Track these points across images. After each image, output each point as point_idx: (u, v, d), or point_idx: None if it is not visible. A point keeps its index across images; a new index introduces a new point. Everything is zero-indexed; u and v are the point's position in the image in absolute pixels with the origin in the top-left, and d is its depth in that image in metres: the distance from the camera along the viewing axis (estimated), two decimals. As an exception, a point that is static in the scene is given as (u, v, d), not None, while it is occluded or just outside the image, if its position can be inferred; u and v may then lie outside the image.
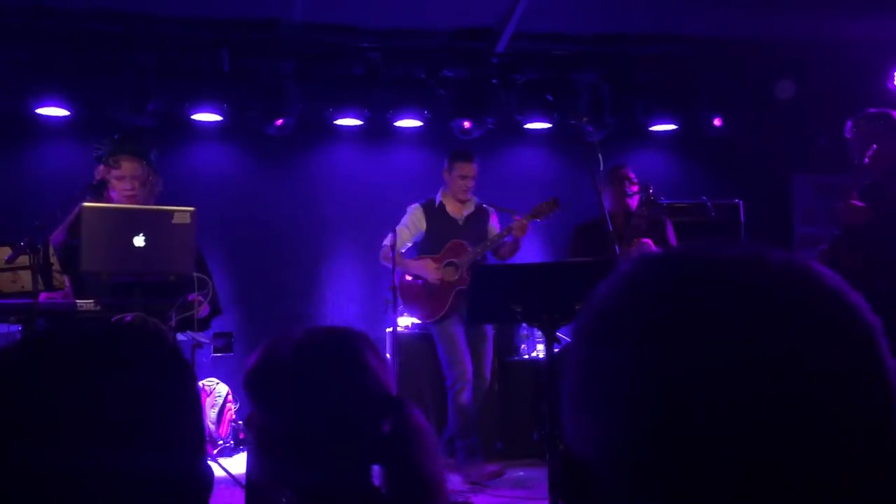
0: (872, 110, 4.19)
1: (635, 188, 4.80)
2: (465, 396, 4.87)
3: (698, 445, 0.53)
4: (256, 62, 6.09)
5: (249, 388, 1.32)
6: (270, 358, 1.32)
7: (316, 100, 6.23)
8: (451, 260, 5.01)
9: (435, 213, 5.16)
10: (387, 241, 5.06)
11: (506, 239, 4.98)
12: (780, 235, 6.75)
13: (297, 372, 1.28)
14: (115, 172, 4.00)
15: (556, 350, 3.55)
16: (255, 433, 1.30)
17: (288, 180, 6.57)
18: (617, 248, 4.08)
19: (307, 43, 6.10)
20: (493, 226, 5.19)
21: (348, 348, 1.33)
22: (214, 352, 5.61)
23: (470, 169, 5.08)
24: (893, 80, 5.70)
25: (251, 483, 1.30)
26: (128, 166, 4.00)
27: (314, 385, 1.28)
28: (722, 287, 0.56)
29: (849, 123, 4.25)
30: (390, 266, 5.00)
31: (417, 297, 5.06)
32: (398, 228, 5.09)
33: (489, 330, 5.08)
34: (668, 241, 4.82)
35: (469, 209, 5.18)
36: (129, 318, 3.55)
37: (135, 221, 3.64)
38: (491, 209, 5.24)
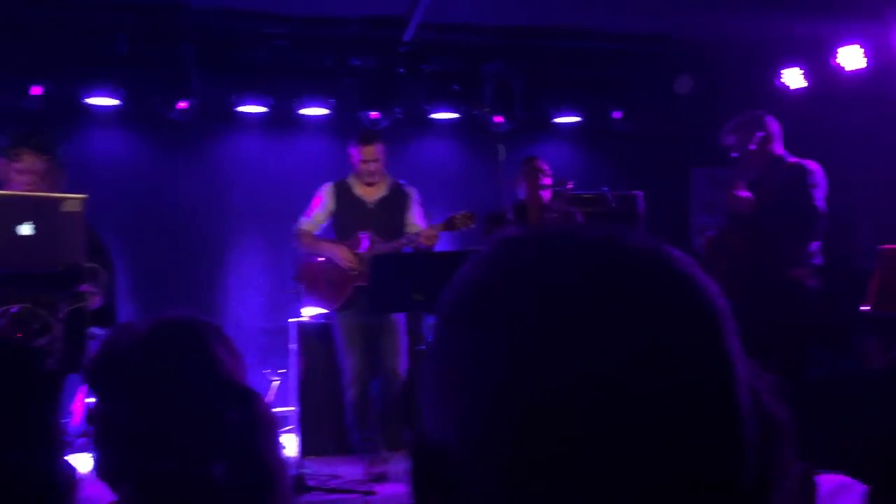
0: (750, 112, 4.49)
1: (549, 181, 4.91)
2: (356, 392, 4.81)
3: (540, 432, 0.52)
4: (157, 47, 5.91)
5: (90, 379, 1.30)
6: (110, 349, 1.30)
7: (219, 86, 6.10)
8: (357, 251, 4.90)
9: (344, 194, 5.02)
10: (299, 224, 5.00)
11: (413, 247, 4.81)
12: (677, 225, 6.97)
13: (138, 363, 1.26)
14: (15, 166, 3.83)
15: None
16: (96, 426, 1.27)
17: (190, 168, 6.41)
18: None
19: (210, 28, 5.96)
20: (413, 213, 5.00)
21: (193, 338, 1.31)
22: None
23: (369, 152, 4.90)
24: (780, 77, 5.95)
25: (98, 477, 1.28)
26: (29, 160, 3.84)
27: (156, 376, 1.26)
28: (573, 268, 0.56)
29: (728, 125, 4.54)
30: (303, 249, 4.93)
31: (318, 283, 4.95)
32: (310, 209, 5.01)
33: (398, 323, 4.89)
34: None
35: (381, 192, 5.00)
36: (14, 310, 3.40)
37: (21, 209, 3.48)
38: (414, 193, 5.04)
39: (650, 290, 0.55)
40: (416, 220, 4.97)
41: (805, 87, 5.86)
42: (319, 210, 5.00)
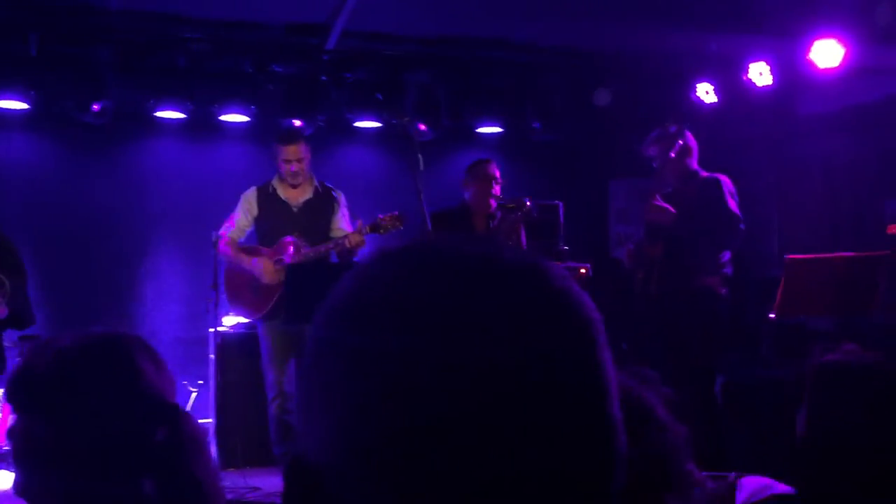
0: (672, 125, 4.64)
1: (499, 188, 4.87)
2: (279, 405, 4.68)
3: (415, 445, 0.53)
4: (69, 48, 5.73)
5: (7, 395, 1.26)
6: (29, 364, 1.26)
7: (136, 90, 5.95)
8: (281, 258, 4.70)
9: (268, 198, 4.84)
10: (222, 230, 4.81)
11: (339, 250, 4.66)
12: (596, 234, 7.13)
13: (58, 379, 1.23)
14: None
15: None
16: (14, 442, 1.24)
17: (105, 174, 6.23)
18: None
19: (127, 31, 5.81)
20: (340, 217, 4.86)
21: (118, 354, 1.28)
22: (19, 356, 5.24)
23: (291, 152, 4.72)
24: (695, 90, 6.14)
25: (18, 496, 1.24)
26: None
27: (76, 393, 1.23)
28: (451, 282, 0.56)
29: (650, 136, 4.69)
30: (224, 257, 4.78)
31: (241, 291, 4.78)
32: (233, 215, 4.83)
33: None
34: (520, 243, 4.99)
35: (307, 195, 4.84)
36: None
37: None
38: (341, 197, 4.91)
39: (525, 303, 0.56)
40: (342, 224, 4.84)
41: (717, 102, 6.07)
42: (242, 216, 4.84)
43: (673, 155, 4.57)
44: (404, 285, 0.57)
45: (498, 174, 4.93)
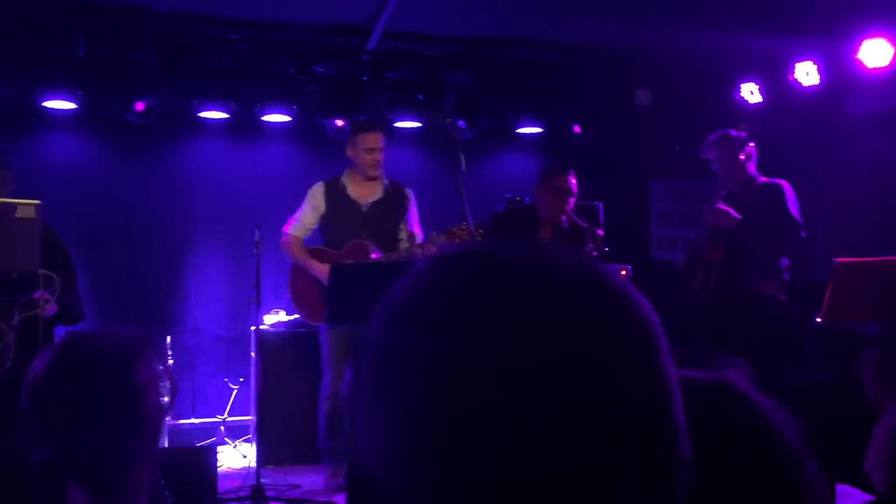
0: (738, 129, 4.59)
1: (573, 202, 4.53)
2: (331, 406, 4.55)
3: (475, 448, 0.53)
4: (116, 49, 5.82)
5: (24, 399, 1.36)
6: (35, 369, 1.38)
7: (180, 91, 6.03)
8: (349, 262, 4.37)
9: (336, 195, 4.52)
10: (288, 228, 4.56)
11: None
12: (637, 236, 7.06)
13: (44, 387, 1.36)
14: None
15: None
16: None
17: (149, 173, 6.32)
18: None
19: (172, 32, 5.89)
20: (410, 217, 4.58)
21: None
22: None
23: (376, 140, 4.44)
24: (739, 91, 6.06)
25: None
26: None
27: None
28: (509, 287, 0.56)
29: (710, 138, 4.62)
30: (290, 257, 4.55)
31: (305, 292, 4.53)
32: (300, 212, 4.56)
33: None
34: None
35: (377, 194, 4.54)
36: (-34, 317, 3.32)
37: (-27, 215, 3.40)
38: (411, 195, 4.62)
39: (586, 308, 0.56)
40: (412, 225, 4.57)
41: (761, 103, 5.97)
42: (309, 213, 4.56)
43: (742, 157, 4.49)
44: (462, 290, 0.57)
45: (574, 185, 4.48)
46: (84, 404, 1.31)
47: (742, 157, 4.49)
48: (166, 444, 4.88)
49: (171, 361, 4.83)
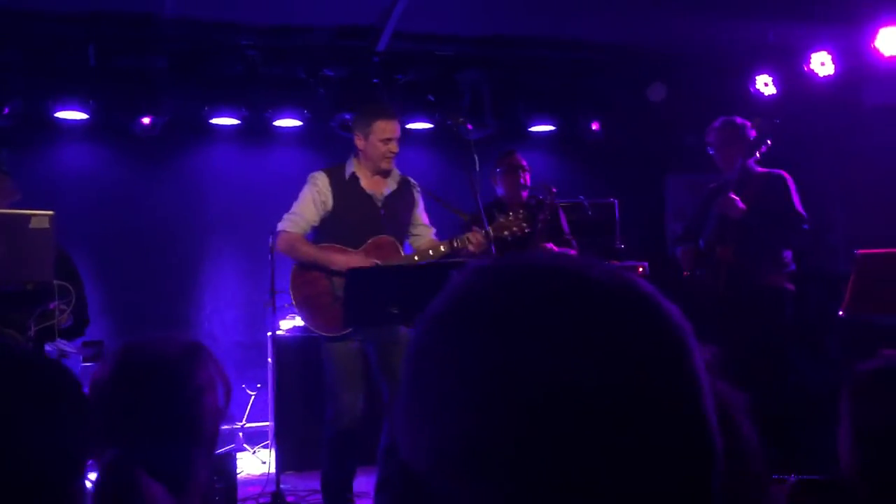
0: (737, 119, 4.55)
1: (528, 177, 4.94)
2: (349, 438, 3.87)
3: (518, 456, 0.55)
4: (126, 58, 5.84)
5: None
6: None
7: (191, 98, 6.03)
8: (374, 262, 3.86)
9: (346, 187, 3.92)
10: (285, 226, 3.92)
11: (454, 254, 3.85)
12: (653, 232, 7.00)
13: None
14: None
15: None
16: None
17: (162, 181, 6.33)
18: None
19: (181, 39, 5.90)
20: (421, 210, 4.11)
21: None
22: (84, 361, 5.36)
23: (394, 128, 3.90)
24: (755, 83, 5.99)
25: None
26: None
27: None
28: (549, 296, 0.59)
29: (714, 124, 4.58)
30: (294, 257, 3.91)
31: (316, 299, 3.90)
32: (298, 206, 3.93)
33: (407, 335, 3.78)
34: (563, 232, 4.94)
35: (390, 186, 4.01)
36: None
37: (-13, 226, 3.40)
38: (416, 187, 4.12)
39: (625, 318, 0.59)
40: (423, 217, 4.14)
41: (776, 94, 5.90)
42: (311, 207, 3.93)
43: (761, 153, 4.50)
44: (503, 302, 0.59)
45: (525, 163, 4.92)
46: (148, 408, 1.35)
47: (741, 145, 4.48)
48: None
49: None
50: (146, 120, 5.80)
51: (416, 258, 3.92)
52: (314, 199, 3.92)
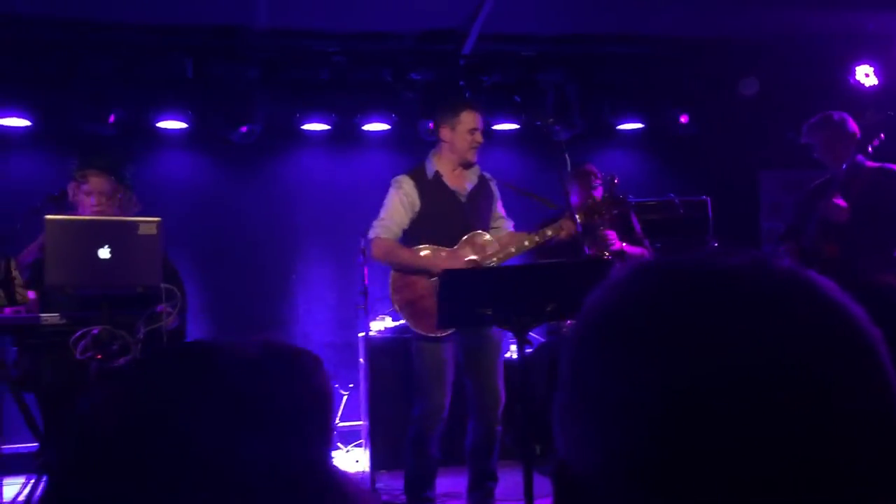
0: (834, 114, 4.42)
1: (599, 181, 4.87)
2: (433, 436, 3.90)
3: (698, 459, 0.53)
4: (221, 68, 6.04)
5: None
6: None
7: (282, 105, 6.20)
8: (472, 258, 3.90)
9: (430, 187, 3.95)
10: (378, 232, 3.95)
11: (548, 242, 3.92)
12: (747, 231, 6.82)
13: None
14: (83, 187, 3.98)
15: (527, 351, 3.54)
16: None
17: (256, 186, 6.52)
18: (584, 242, 4.12)
19: (272, 48, 6.07)
20: (499, 207, 4.14)
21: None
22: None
23: (479, 119, 3.95)
24: (854, 74, 5.77)
25: None
26: (95, 181, 3.97)
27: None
28: (724, 297, 0.56)
29: (811, 122, 4.45)
30: (391, 263, 3.94)
31: (419, 302, 3.90)
32: (386, 212, 3.96)
33: (496, 337, 3.94)
34: (634, 230, 4.87)
35: (472, 181, 4.03)
36: (95, 332, 3.49)
37: (99, 233, 3.57)
38: (492, 180, 4.14)
39: (807, 320, 0.55)
40: (502, 211, 4.16)
41: (878, 84, 5.67)
42: (401, 210, 3.95)
43: (874, 147, 4.36)
44: (678, 302, 0.57)
45: (596, 170, 4.84)
46: (293, 411, 1.33)
47: (846, 141, 4.33)
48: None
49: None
50: (246, 125, 5.99)
51: (512, 250, 3.94)
52: (402, 202, 3.97)
